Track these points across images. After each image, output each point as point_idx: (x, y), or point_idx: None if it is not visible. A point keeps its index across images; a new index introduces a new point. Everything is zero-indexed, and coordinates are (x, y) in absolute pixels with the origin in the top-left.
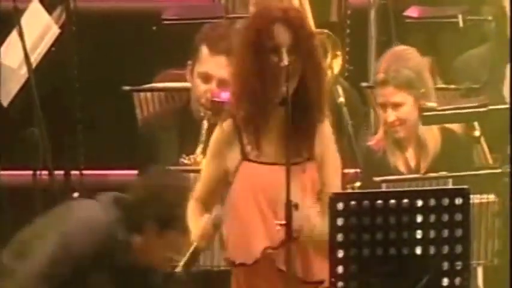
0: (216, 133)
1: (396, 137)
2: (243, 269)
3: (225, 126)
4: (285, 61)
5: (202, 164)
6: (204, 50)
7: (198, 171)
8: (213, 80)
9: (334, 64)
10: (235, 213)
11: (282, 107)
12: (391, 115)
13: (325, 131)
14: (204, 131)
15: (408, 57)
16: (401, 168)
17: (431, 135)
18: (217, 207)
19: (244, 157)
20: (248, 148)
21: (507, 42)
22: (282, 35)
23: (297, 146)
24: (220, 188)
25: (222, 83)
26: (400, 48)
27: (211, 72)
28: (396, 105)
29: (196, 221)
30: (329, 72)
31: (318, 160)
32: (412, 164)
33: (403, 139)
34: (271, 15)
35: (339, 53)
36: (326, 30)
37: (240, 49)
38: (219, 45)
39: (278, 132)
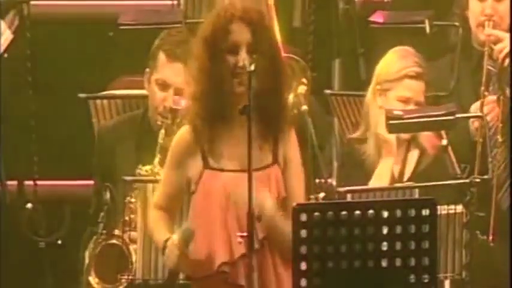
0: (176, 140)
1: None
2: (198, 283)
3: (184, 133)
4: (244, 61)
5: (161, 172)
6: (162, 56)
7: (154, 181)
8: (170, 88)
9: (299, 89)
10: (197, 224)
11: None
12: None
13: (291, 136)
14: (161, 141)
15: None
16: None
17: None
18: (186, 222)
19: (206, 165)
20: (209, 156)
21: (472, 48)
22: (241, 34)
23: (261, 150)
24: (182, 196)
25: (179, 91)
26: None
27: (169, 80)
28: (418, 104)
29: (160, 231)
30: (294, 94)
31: (281, 165)
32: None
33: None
34: (229, 13)
35: (305, 80)
36: (295, 56)
37: (196, 49)
38: (177, 52)
39: (241, 138)
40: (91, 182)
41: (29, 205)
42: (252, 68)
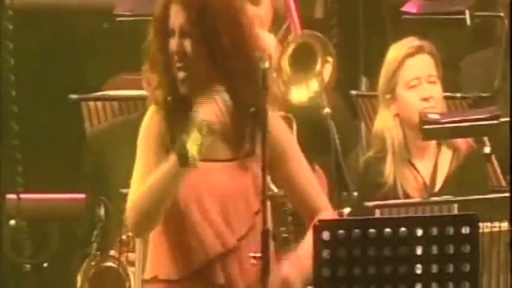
0: (147, 120)
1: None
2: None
3: (153, 113)
4: (175, 47)
5: None
6: None
7: None
8: None
9: (324, 71)
10: (171, 221)
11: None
12: (427, 89)
13: (272, 122)
14: None
15: None
16: (412, 186)
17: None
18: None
19: None
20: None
21: None
22: (175, 17)
23: (233, 140)
24: None
25: None
26: None
27: None
28: (431, 81)
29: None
30: (319, 81)
31: (275, 156)
32: (427, 179)
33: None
34: None
35: (329, 58)
36: (314, 32)
37: (149, 33)
38: None
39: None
40: (82, 196)
41: (12, 222)
42: (176, 48)
